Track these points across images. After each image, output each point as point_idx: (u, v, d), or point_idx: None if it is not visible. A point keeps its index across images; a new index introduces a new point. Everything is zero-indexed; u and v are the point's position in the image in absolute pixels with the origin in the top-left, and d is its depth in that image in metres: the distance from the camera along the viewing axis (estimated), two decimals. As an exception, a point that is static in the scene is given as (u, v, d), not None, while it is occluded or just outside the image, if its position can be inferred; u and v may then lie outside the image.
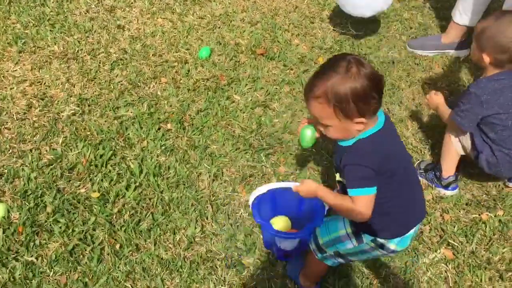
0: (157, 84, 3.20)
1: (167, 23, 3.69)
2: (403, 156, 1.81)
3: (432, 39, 3.57)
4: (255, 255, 2.38)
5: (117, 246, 2.37)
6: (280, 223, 2.32)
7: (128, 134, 2.88)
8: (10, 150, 2.74)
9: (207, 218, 2.51)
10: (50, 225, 2.42)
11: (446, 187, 2.67)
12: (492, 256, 2.41)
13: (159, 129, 2.93)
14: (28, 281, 2.21)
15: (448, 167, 2.66)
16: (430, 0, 4.07)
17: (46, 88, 3.10)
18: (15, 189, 2.55)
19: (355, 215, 1.66)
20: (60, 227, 2.41)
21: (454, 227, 2.53)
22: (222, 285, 2.27)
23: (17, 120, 2.89)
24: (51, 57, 3.31)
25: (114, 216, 2.49)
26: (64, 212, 2.47)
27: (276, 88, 3.25)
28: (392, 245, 1.82)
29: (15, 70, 3.20)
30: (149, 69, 3.30)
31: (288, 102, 3.17)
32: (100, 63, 3.31)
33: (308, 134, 1.93)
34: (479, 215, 2.58)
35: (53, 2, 3.76)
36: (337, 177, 1.78)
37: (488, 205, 2.63)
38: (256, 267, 2.34)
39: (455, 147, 2.62)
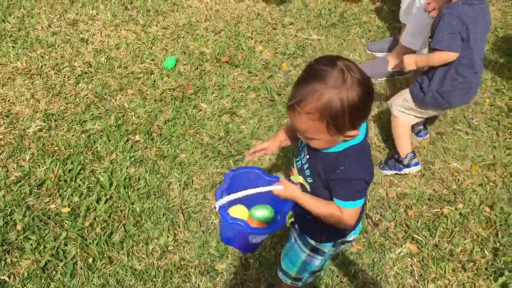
0: (124, 96, 3.22)
1: (131, 35, 3.71)
2: None
3: (388, 42, 3.69)
4: (228, 261, 2.43)
5: (90, 260, 2.38)
6: (239, 212, 1.95)
7: (97, 147, 2.89)
8: (-24, 169, 2.72)
9: (179, 227, 2.55)
10: (21, 242, 2.41)
11: (408, 166, 2.81)
12: (454, 248, 2.53)
13: (127, 140, 2.95)
14: (1, 300, 2.21)
15: (404, 146, 2.80)
16: (387, 4, 4.21)
17: (10, 105, 3.08)
18: (-17, 209, 2.54)
19: (340, 224, 1.60)
20: (31, 244, 2.41)
21: (418, 222, 2.63)
22: (196, 292, 2.32)
23: (-18, 138, 2.87)
24: (14, 73, 3.29)
25: (86, 230, 2.50)
26: (34, 229, 2.47)
27: (242, 95, 3.31)
28: (351, 237, 1.85)
29: (-22, 88, 3.17)
30: (115, 81, 3.32)
31: (254, 108, 3.24)
32: (64, 77, 3.31)
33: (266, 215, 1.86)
34: (441, 209, 2.70)
35: (14, 18, 3.73)
36: (300, 179, 1.69)
37: (449, 199, 2.75)
38: (229, 272, 2.39)
39: (403, 122, 2.77)
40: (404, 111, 2.75)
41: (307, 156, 1.61)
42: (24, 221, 2.49)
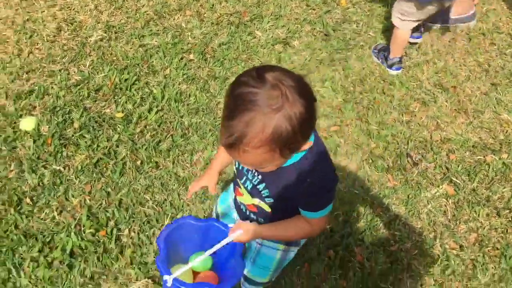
0: (182, 16, 3.29)
1: (194, -42, 3.73)
2: None
3: None
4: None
5: (138, 162, 2.54)
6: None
7: (152, 61, 3.00)
8: (41, 70, 2.89)
9: (223, 143, 2.65)
10: (77, 139, 2.59)
11: (390, 66, 3.06)
12: (491, 195, 2.53)
13: (181, 58, 3.04)
14: (56, 186, 2.40)
15: (395, 50, 3.03)
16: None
17: (75, 14, 3.21)
18: (45, 105, 2.71)
19: (311, 236, 1.53)
20: (86, 142, 2.58)
21: (458, 166, 2.63)
22: (233, 203, 2.44)
23: (47, 41, 3.03)
24: (80, -16, 3.41)
25: (136, 136, 2.64)
26: (90, 129, 2.64)
27: (297, 27, 3.32)
28: None
29: (46, -5, 3.31)
30: (174, 1, 3.38)
31: (308, 40, 3.25)
32: (127, -8, 3.40)
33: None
34: (484, 157, 2.68)
35: None
36: (255, 201, 1.49)
37: (494, 148, 2.72)
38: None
39: (401, 30, 2.95)
40: (400, 17, 2.90)
41: (259, 177, 1.41)
42: (81, 120, 2.66)
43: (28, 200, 2.34)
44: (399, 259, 2.29)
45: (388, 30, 3.36)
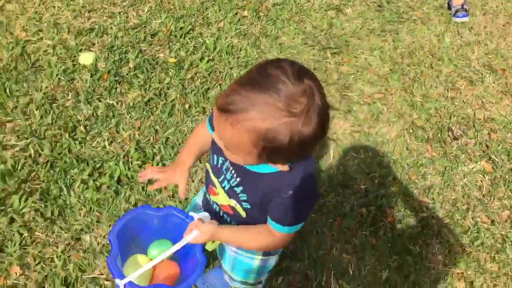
0: (239, -26, 3.36)
1: None
2: None
3: None
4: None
5: (186, 106, 2.64)
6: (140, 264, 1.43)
7: (208, 13, 3.09)
8: (102, 10, 3.00)
9: (269, 98, 2.73)
10: (131, 78, 2.70)
11: (454, 14, 3.27)
12: (529, 176, 2.55)
13: (236, 14, 3.12)
14: (108, 119, 2.52)
15: None
16: None
17: (137, -39, 3.31)
18: (103, 43, 2.83)
19: (271, 249, 1.47)
20: (139, 82, 2.69)
21: (499, 145, 2.65)
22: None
23: (110, -16, 3.14)
24: None
25: (187, 81, 2.74)
26: (143, 70, 2.75)
27: (352, -5, 3.35)
28: None
29: None
30: (233, -42, 3.45)
31: (361, 9, 3.27)
32: None
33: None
34: (526, 140, 2.70)
35: None
36: (231, 202, 1.36)
37: (537, 132, 2.74)
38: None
39: None
40: None
41: (238, 179, 1.29)
42: (136, 61, 2.77)
43: (82, 128, 2.47)
44: (429, 225, 2.34)
45: (442, 7, 3.36)
